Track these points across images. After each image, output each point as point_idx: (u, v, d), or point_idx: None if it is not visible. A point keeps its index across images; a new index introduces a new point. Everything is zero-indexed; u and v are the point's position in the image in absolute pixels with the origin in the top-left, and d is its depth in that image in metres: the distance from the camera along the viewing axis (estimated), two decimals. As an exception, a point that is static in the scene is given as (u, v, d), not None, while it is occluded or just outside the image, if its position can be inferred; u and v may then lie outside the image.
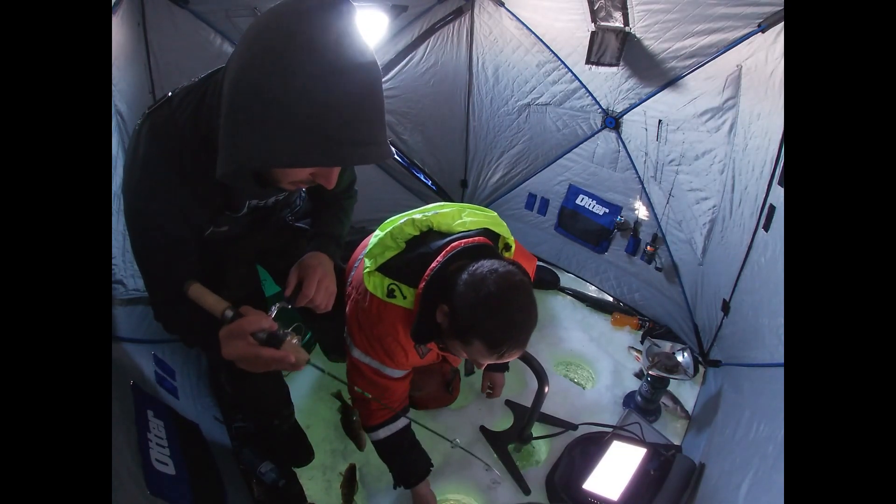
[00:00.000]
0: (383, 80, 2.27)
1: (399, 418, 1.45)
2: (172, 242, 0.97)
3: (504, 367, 1.85)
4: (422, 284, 1.15)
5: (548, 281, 2.51)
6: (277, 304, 1.02)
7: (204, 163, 0.87)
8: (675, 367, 1.79)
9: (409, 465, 1.51)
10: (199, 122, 0.89)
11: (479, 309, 1.04)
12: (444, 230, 1.26)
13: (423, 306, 1.15)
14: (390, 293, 1.20)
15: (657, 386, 1.82)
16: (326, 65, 0.71)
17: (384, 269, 1.22)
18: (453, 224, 1.27)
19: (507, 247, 1.32)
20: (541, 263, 2.60)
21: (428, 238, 1.23)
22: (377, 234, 1.31)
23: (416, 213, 1.31)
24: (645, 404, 1.87)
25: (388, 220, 1.34)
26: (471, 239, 1.18)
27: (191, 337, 1.09)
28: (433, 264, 1.15)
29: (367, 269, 1.23)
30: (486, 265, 1.08)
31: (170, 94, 0.93)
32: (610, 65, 1.87)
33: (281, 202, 1.19)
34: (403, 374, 1.39)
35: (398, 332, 1.23)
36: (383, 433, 1.44)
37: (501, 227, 1.32)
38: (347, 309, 1.31)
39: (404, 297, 1.19)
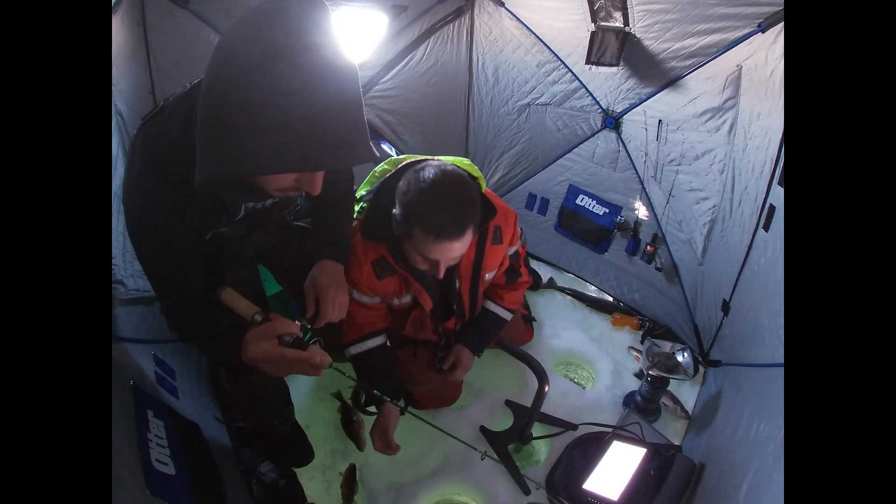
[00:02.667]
0: (383, 79, 2.30)
1: (368, 339, 1.53)
2: (175, 250, 0.98)
3: (475, 347, 1.74)
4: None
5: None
6: (300, 322, 1.06)
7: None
8: (675, 367, 1.79)
9: (378, 385, 1.53)
10: (189, 132, 0.88)
11: (411, 193, 1.15)
12: None
13: (372, 204, 1.33)
14: (360, 211, 1.38)
15: (657, 386, 1.82)
16: (298, 70, 0.70)
17: (362, 198, 1.40)
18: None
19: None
20: (533, 265, 2.60)
21: None
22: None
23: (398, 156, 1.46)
24: (645, 404, 1.87)
25: None
26: (432, 158, 1.31)
27: (195, 340, 1.09)
28: (389, 173, 1.30)
29: None
30: (423, 163, 1.22)
31: (162, 103, 0.94)
32: (610, 65, 1.87)
33: (279, 203, 1.20)
34: (364, 302, 1.47)
35: (357, 242, 1.36)
36: (353, 350, 1.54)
37: (473, 169, 1.41)
38: None
39: None
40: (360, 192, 1.45)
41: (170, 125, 0.90)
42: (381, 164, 1.44)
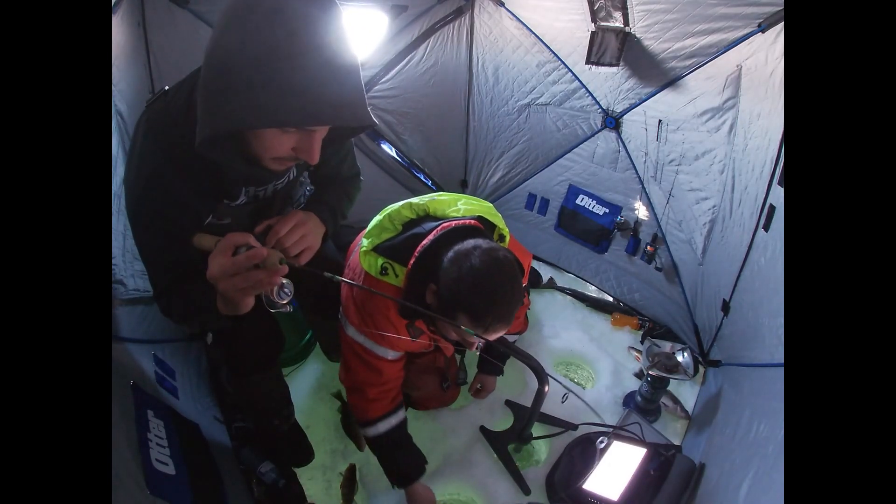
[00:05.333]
0: (383, 79, 2.30)
1: (398, 411, 1.47)
2: (171, 230, 0.97)
3: (498, 371, 1.86)
4: (411, 261, 1.18)
5: (530, 280, 2.49)
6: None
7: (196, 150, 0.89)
8: (675, 367, 1.79)
9: (408, 461, 1.51)
10: (190, 111, 0.90)
11: (463, 283, 1.08)
12: (439, 215, 1.30)
13: (410, 282, 1.19)
14: (383, 271, 1.24)
15: (657, 386, 1.82)
16: (297, 25, 0.73)
17: (379, 249, 1.26)
18: (448, 210, 1.31)
19: (502, 237, 1.34)
20: (533, 264, 2.59)
21: (423, 221, 1.28)
22: (376, 218, 1.35)
23: (415, 199, 1.36)
24: (645, 404, 1.87)
25: (389, 206, 1.38)
26: (462, 221, 1.22)
27: (191, 323, 1.08)
28: (423, 242, 1.19)
29: (364, 248, 1.28)
30: (470, 242, 1.12)
31: (166, 87, 0.96)
32: (610, 65, 1.87)
33: (281, 192, 1.18)
34: (396, 357, 1.41)
35: (389, 309, 1.27)
36: (383, 427, 1.45)
37: (496, 218, 1.34)
38: (344, 289, 1.34)
39: (396, 276, 1.23)
40: (372, 239, 1.28)
41: (172, 106, 0.92)
42: (397, 206, 1.32)
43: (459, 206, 1.33)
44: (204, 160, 0.87)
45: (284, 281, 0.83)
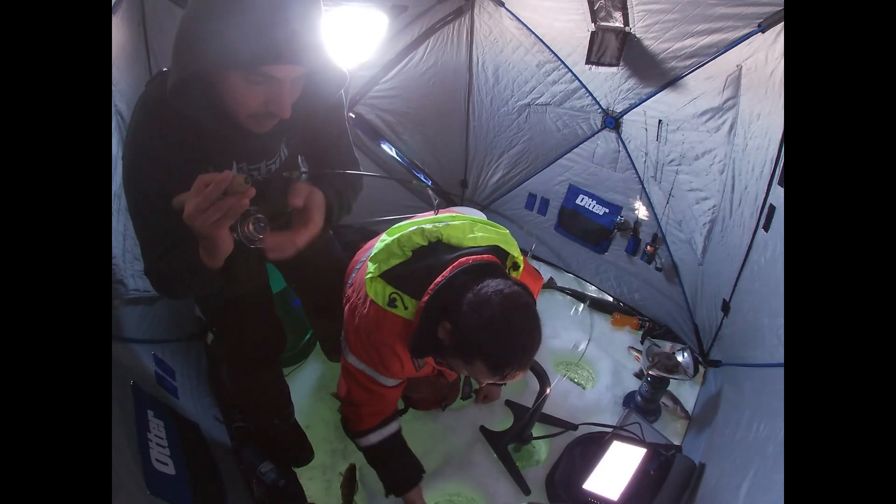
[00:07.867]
0: (383, 79, 2.30)
1: (391, 422, 1.43)
2: (161, 200, 0.94)
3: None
4: (425, 298, 1.12)
5: None
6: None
7: (187, 122, 0.92)
8: (675, 367, 1.79)
9: (401, 470, 1.48)
10: None
11: (483, 331, 1.03)
12: (453, 243, 1.22)
13: (423, 320, 1.12)
14: (391, 302, 1.17)
15: (657, 386, 1.82)
16: None
17: (387, 276, 1.18)
18: (464, 238, 1.24)
19: (516, 266, 1.29)
20: (533, 264, 2.60)
21: (436, 250, 1.20)
22: (383, 239, 1.27)
23: (427, 223, 1.27)
24: (645, 404, 1.87)
25: (396, 226, 1.30)
26: (479, 256, 1.15)
27: (181, 289, 1.07)
28: (438, 278, 1.12)
29: (370, 275, 1.20)
30: (491, 285, 1.06)
31: (164, 69, 0.98)
32: (610, 65, 1.87)
33: (275, 174, 1.15)
34: (397, 384, 1.37)
35: (396, 342, 1.21)
36: (375, 438, 1.41)
37: (512, 246, 1.29)
38: (345, 312, 1.28)
39: (405, 308, 1.17)
40: (379, 265, 1.21)
41: (166, 83, 0.93)
42: (407, 230, 1.24)
43: (475, 232, 1.26)
44: (195, 132, 0.93)
45: (259, 215, 0.84)
